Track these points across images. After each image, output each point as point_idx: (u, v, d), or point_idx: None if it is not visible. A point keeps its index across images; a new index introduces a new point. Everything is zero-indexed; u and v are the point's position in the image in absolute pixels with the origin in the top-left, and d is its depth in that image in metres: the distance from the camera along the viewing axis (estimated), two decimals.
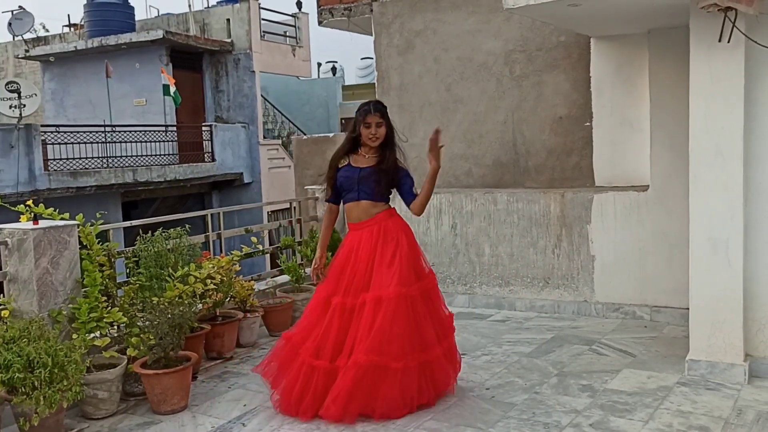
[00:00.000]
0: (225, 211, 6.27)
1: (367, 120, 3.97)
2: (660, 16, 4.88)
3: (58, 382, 3.57)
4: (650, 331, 5.36)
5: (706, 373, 4.26)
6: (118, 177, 14.37)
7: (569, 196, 5.93)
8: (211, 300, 4.93)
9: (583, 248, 5.89)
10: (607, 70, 6.01)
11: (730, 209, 4.15)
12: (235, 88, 18.26)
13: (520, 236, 6.17)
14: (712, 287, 4.23)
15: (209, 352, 5.01)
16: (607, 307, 5.81)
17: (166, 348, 4.14)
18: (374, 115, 3.97)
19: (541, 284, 6.11)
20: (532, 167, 6.47)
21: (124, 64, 17.04)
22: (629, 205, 5.68)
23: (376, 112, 3.98)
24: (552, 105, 6.34)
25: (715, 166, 4.17)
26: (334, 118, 23.55)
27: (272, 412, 4.02)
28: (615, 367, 4.57)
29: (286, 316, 5.72)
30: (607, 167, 6.07)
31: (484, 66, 6.65)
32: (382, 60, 7.23)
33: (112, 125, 15.20)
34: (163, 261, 4.64)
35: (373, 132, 3.96)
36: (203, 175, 16.68)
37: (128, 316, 4.32)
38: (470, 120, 6.74)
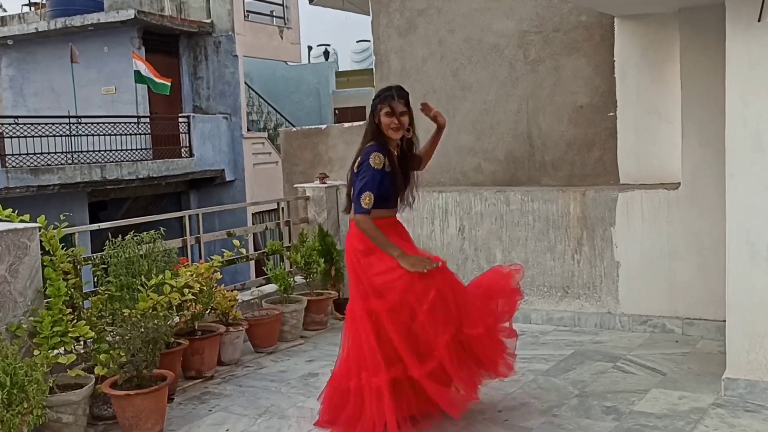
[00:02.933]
0: (204, 212, 6.27)
1: (392, 106, 3.93)
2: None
3: (17, 405, 3.56)
4: (682, 346, 5.36)
5: (744, 393, 4.26)
6: (84, 174, 14.37)
7: (591, 194, 5.94)
8: (189, 312, 4.93)
9: (607, 253, 5.89)
10: (633, 54, 6.01)
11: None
12: (215, 74, 18.28)
13: (536, 240, 6.16)
14: (752, 296, 4.23)
15: (187, 371, 5.00)
16: (633, 320, 5.82)
17: (138, 366, 4.13)
18: (399, 102, 3.95)
19: (559, 294, 6.11)
20: (549, 162, 6.47)
21: (91, 47, 17.04)
22: (658, 205, 5.68)
23: (400, 98, 3.96)
24: (571, 92, 6.34)
25: (755, 161, 4.17)
26: (326, 108, 23.59)
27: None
28: (643, 386, 4.57)
29: (273, 330, 5.73)
30: (633, 162, 6.08)
31: (495, 49, 6.65)
32: (380, 42, 7.24)
33: (77, 116, 15.20)
34: (135, 268, 4.64)
35: (396, 122, 3.93)
36: (180, 172, 16.70)
37: (96, 330, 4.31)
38: (479, 109, 6.75)
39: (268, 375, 5.13)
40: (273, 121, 21.45)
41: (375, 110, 3.99)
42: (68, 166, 14.28)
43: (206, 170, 17.46)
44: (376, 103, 4.00)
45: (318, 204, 6.97)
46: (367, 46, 26.47)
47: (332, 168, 7.49)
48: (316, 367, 5.23)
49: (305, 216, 7.06)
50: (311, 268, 6.32)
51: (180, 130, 17.10)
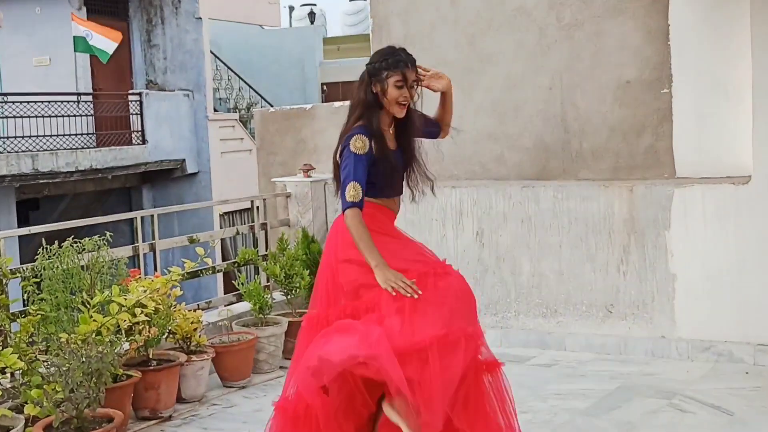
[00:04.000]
0: (161, 212, 6.29)
1: (405, 73, 3.87)
2: None
3: None
4: (753, 379, 5.37)
5: None
6: (11, 165, 14.36)
7: (640, 191, 5.95)
8: (141, 337, 4.93)
9: (660, 264, 5.90)
10: (693, 17, 6.02)
11: None
12: (174, 41, 18.28)
13: (572, 247, 6.17)
14: None
15: (139, 410, 5.01)
16: (693, 346, 5.83)
17: (79, 404, 4.13)
18: (411, 70, 3.90)
19: (601, 314, 6.12)
20: (589, 151, 6.48)
21: (20, 9, 17.05)
22: (724, 204, 5.69)
23: (413, 66, 3.92)
24: (616, 65, 6.35)
25: None
26: (312, 83, 23.61)
27: None
28: (706, 429, 4.57)
29: (245, 360, 5.74)
30: (692, 151, 6.08)
31: (522, 11, 6.66)
32: (379, 2, 7.25)
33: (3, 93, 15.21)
34: (75, 283, 4.65)
35: (406, 95, 3.88)
36: (130, 163, 16.70)
37: (26, 360, 4.31)
38: (502, 86, 6.75)
39: (239, 415, 5.14)
40: (246, 99, 21.46)
41: (377, 76, 3.92)
42: None
43: (163, 160, 17.46)
44: (379, 68, 3.91)
45: (302, 202, 6.97)
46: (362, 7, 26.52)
47: (319, 158, 7.48)
48: None
49: (286, 217, 7.06)
50: (293, 282, 6.33)
51: (130, 111, 17.09)
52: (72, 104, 16.26)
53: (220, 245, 14.67)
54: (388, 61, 3.89)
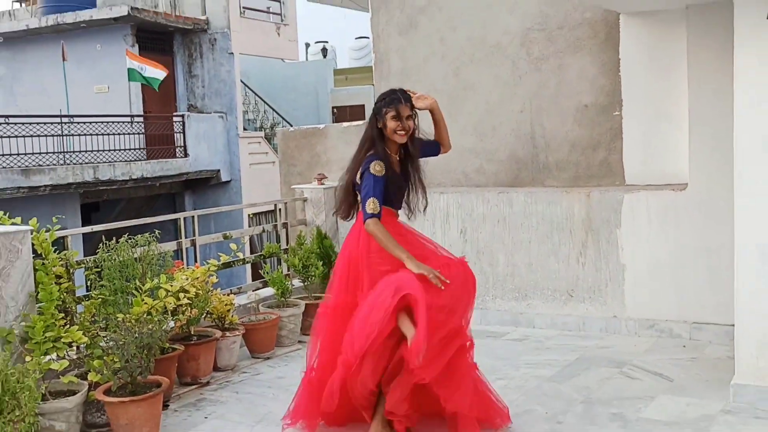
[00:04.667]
0: (200, 214, 6.28)
1: (398, 110, 3.94)
2: None
3: (9, 412, 3.56)
4: (690, 352, 5.36)
5: (754, 399, 4.26)
6: (76, 175, 14.37)
7: (596, 196, 5.94)
8: (184, 317, 4.93)
9: (612, 256, 5.90)
10: (639, 52, 6.02)
11: None
12: (210, 72, 18.28)
13: (540, 243, 6.17)
14: (762, 301, 4.23)
15: (183, 377, 5.00)
16: (639, 324, 5.82)
17: (132, 372, 4.13)
18: (405, 106, 3.96)
19: (563, 298, 6.12)
20: (553, 163, 6.47)
21: (83, 45, 17.05)
22: (665, 207, 5.69)
23: (407, 102, 3.98)
24: (576, 92, 6.35)
25: (764, 161, 4.18)
26: (324, 107, 23.59)
27: None
28: (650, 393, 4.57)
29: (270, 336, 5.73)
30: (639, 163, 6.08)
31: (498, 47, 6.66)
32: (380, 40, 7.24)
33: (69, 115, 15.20)
34: (129, 272, 4.64)
35: (403, 127, 3.95)
36: (174, 173, 16.69)
37: (89, 336, 4.31)
38: (482, 109, 6.75)
39: (265, 381, 5.14)
40: (270, 120, 21.46)
41: (379, 114, 3.99)
42: (60, 167, 14.28)
43: (201, 171, 17.46)
44: (380, 107, 4.00)
45: (316, 205, 6.97)
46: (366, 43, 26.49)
47: (330, 169, 7.48)
48: None
49: (303, 218, 7.06)
50: (309, 271, 6.33)
51: (174, 130, 17.10)
52: (126, 124, 16.26)
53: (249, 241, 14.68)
54: (385, 101, 4.04)
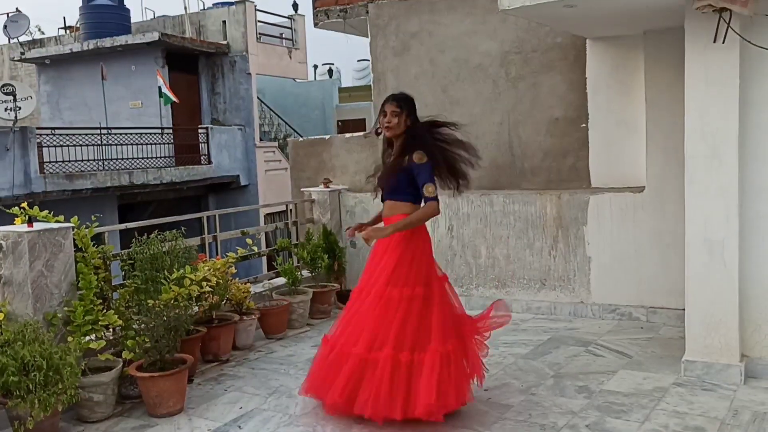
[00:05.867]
0: (221, 213, 6.27)
1: (384, 108, 3.98)
2: (655, 17, 4.89)
3: (53, 385, 3.56)
4: (646, 332, 5.37)
5: (702, 373, 4.27)
6: (114, 180, 14.34)
7: (565, 197, 5.94)
8: (207, 303, 4.93)
9: (580, 250, 5.90)
10: (603, 72, 6.02)
11: (725, 211, 4.16)
12: (231, 90, 18.25)
13: (517, 238, 6.17)
14: (708, 288, 4.24)
15: (205, 355, 5.01)
16: (603, 309, 5.83)
17: (161, 351, 4.13)
18: (391, 104, 3.96)
19: (537, 286, 6.12)
20: (529, 169, 6.47)
21: (120, 66, 17.01)
22: (625, 207, 5.69)
23: (393, 101, 3.97)
24: (548, 106, 6.35)
25: (711, 168, 4.18)
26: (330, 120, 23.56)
27: (268, 415, 4.02)
28: (611, 368, 4.58)
29: (282, 319, 5.73)
30: (603, 169, 6.08)
31: (480, 67, 6.65)
32: (378, 62, 7.24)
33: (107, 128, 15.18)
34: (159, 264, 4.64)
35: (387, 120, 3.93)
36: (199, 178, 16.66)
37: (124, 319, 4.32)
38: (467, 121, 6.65)
39: (277, 359, 5.14)
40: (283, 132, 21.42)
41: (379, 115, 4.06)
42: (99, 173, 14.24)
43: (223, 176, 17.42)
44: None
45: (322, 206, 6.96)
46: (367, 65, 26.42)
47: (335, 174, 7.48)
48: None
49: (311, 217, 7.05)
50: (316, 263, 6.33)
51: (199, 140, 17.06)
52: (158, 135, 16.23)
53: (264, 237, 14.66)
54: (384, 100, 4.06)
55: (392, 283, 3.76)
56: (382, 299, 3.75)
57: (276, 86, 22.13)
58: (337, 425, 3.78)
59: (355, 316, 3.86)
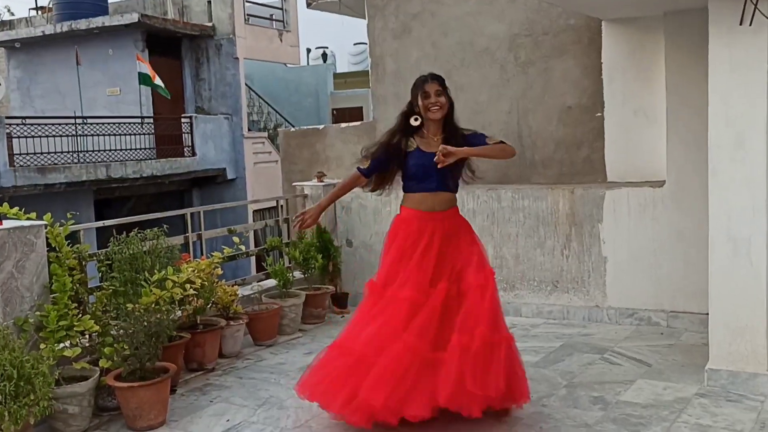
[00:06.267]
0: (206, 209, 6.26)
1: (426, 89, 3.93)
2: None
3: (24, 396, 3.56)
4: (667, 338, 5.38)
5: (727, 383, 4.28)
6: (90, 173, 14.35)
7: (579, 192, 5.94)
8: (191, 306, 4.93)
9: (594, 249, 5.90)
10: (620, 56, 6.02)
11: (752, 206, 4.16)
12: (217, 76, 18.24)
13: (526, 236, 6.17)
14: (734, 290, 4.24)
15: (189, 363, 5.00)
16: (620, 313, 5.83)
17: (141, 359, 4.13)
18: (433, 83, 3.95)
19: (548, 288, 6.12)
20: (539, 161, 6.48)
21: (96, 50, 16.99)
22: (644, 202, 5.69)
23: (434, 80, 3.96)
24: (560, 93, 6.35)
25: (736, 160, 4.18)
26: (324, 109, 23.55)
27: (257, 428, 4.03)
28: (629, 377, 4.58)
29: (272, 324, 5.73)
30: (620, 161, 6.09)
31: (487, 51, 6.65)
32: (376, 45, 7.24)
33: (83, 117, 15.17)
34: (139, 264, 4.63)
35: (433, 101, 3.92)
36: (183, 171, 16.67)
37: (101, 325, 4.31)
38: (472, 110, 6.74)
39: (267, 367, 5.14)
40: (273, 121, 21.41)
41: (414, 101, 3.99)
42: (74, 165, 14.25)
43: (208, 169, 17.43)
44: (413, 94, 4.01)
45: (316, 201, 6.91)
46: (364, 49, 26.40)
47: (329, 167, 7.48)
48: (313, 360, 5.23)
49: None
50: (309, 263, 6.33)
51: (183, 130, 17.07)
52: (137, 125, 16.24)
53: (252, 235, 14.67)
54: (415, 85, 4.04)
55: (479, 268, 3.90)
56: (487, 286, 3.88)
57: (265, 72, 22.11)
58: None
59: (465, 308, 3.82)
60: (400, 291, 3.84)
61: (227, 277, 5.87)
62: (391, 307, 3.84)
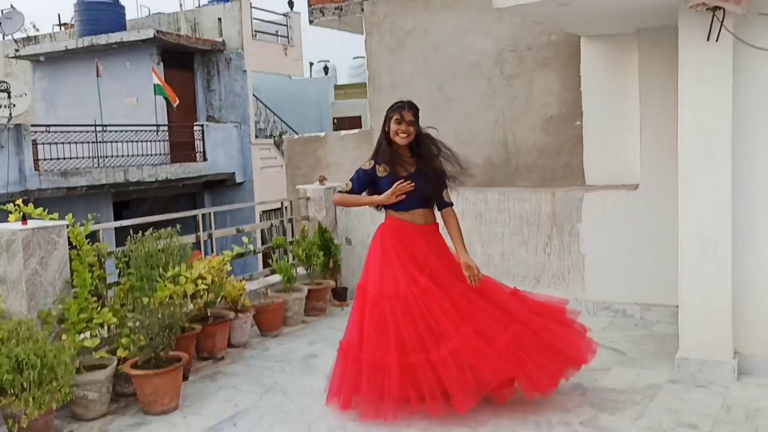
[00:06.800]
0: (216, 210, 6.25)
1: (402, 114, 3.92)
2: (649, 15, 4.90)
3: (47, 383, 3.56)
4: (640, 329, 5.38)
5: (695, 371, 4.28)
6: (109, 177, 14.33)
7: (560, 195, 5.95)
8: (202, 300, 4.92)
9: (574, 247, 5.90)
10: (598, 70, 6.03)
11: (718, 208, 4.17)
12: (226, 87, 18.23)
13: (511, 235, 6.17)
14: (702, 285, 4.25)
15: (200, 353, 5.00)
16: (597, 306, 5.83)
17: (156, 348, 4.13)
18: (408, 112, 3.94)
19: (532, 283, 6.11)
20: (523, 166, 6.48)
21: (115, 63, 16.98)
22: (619, 204, 5.70)
23: (410, 109, 3.95)
24: (542, 104, 6.35)
25: (704, 166, 4.19)
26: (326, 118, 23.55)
27: (263, 413, 4.02)
28: (605, 365, 4.58)
29: (277, 316, 5.72)
30: (597, 166, 6.09)
31: (475, 65, 6.65)
32: (373, 59, 7.23)
33: (103, 125, 15.15)
34: (154, 261, 4.62)
35: (404, 129, 3.92)
36: (195, 175, 16.65)
37: (118, 317, 4.30)
38: (462, 119, 6.75)
39: (272, 356, 5.14)
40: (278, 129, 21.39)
41: (386, 119, 4.00)
42: (94, 170, 14.23)
43: (219, 173, 17.42)
44: (387, 113, 4.00)
45: (318, 203, 6.95)
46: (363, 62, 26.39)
47: (330, 171, 7.48)
48: (316, 349, 5.23)
49: (306, 214, 7.04)
50: (311, 260, 6.32)
51: (195, 138, 17.05)
52: (153, 132, 16.21)
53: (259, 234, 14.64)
54: (392, 108, 4.03)
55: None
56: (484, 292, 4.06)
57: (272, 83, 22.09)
58: (331, 423, 3.78)
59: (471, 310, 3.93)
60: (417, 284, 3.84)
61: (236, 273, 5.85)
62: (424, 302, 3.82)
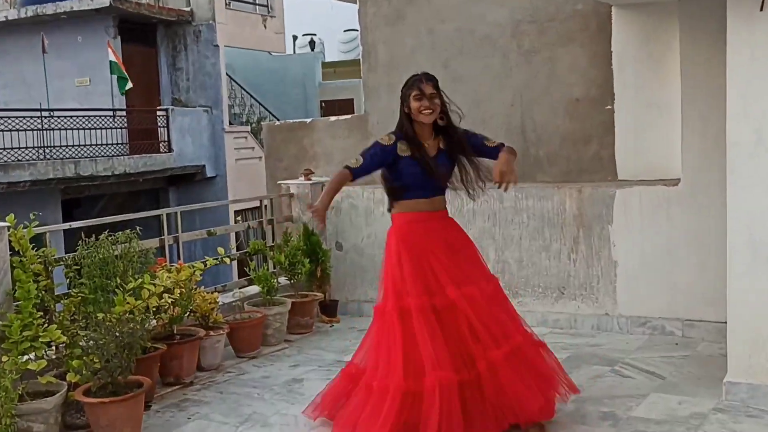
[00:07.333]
0: (184, 210, 6.27)
1: (422, 89, 3.95)
2: None
3: None
4: (682, 349, 5.39)
5: (746, 397, 4.29)
6: (57, 170, 14.31)
7: (587, 191, 5.95)
8: (166, 315, 4.92)
9: (604, 252, 5.91)
10: (632, 44, 6.03)
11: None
12: (195, 65, 18.22)
13: (531, 239, 6.18)
14: (754, 297, 4.26)
15: (165, 377, 4.99)
16: (631, 321, 5.84)
17: (113, 372, 4.12)
18: (428, 84, 3.97)
19: (554, 295, 6.13)
20: (544, 157, 6.49)
21: (64, 37, 16.96)
22: (657, 202, 5.71)
23: (429, 81, 3.99)
24: (567, 84, 6.36)
25: (757, 156, 4.19)
26: (312, 101, 23.56)
27: None
28: (641, 391, 4.59)
29: (255, 334, 5.72)
30: (631, 157, 6.09)
31: (488, 39, 6.65)
32: (368, 32, 7.23)
33: (49, 109, 15.13)
34: (110, 269, 4.63)
35: (426, 105, 3.94)
36: (158, 168, 16.65)
37: (68, 335, 4.30)
38: (471, 102, 6.73)
39: (250, 381, 5.13)
40: (256, 114, 21.40)
41: (404, 99, 4.03)
42: (40, 162, 14.21)
43: (186, 166, 17.41)
44: (404, 92, 4.03)
45: (303, 201, 6.95)
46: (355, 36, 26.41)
47: (318, 163, 7.47)
48: (300, 373, 5.23)
49: (289, 214, 7.04)
50: (296, 268, 6.32)
51: (158, 124, 17.05)
52: (109, 118, 16.20)
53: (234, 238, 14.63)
54: (407, 84, 4.06)
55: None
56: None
57: (248, 61, 22.08)
58: None
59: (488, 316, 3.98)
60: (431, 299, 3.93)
61: (206, 282, 5.86)
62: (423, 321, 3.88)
